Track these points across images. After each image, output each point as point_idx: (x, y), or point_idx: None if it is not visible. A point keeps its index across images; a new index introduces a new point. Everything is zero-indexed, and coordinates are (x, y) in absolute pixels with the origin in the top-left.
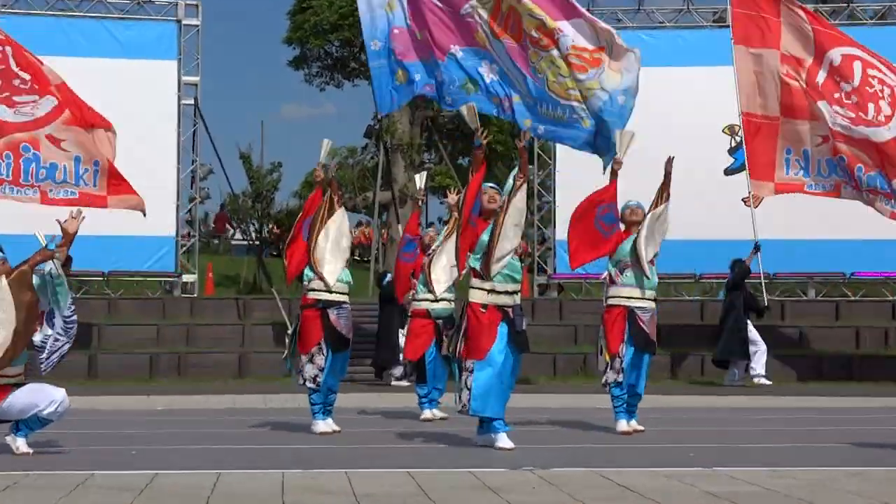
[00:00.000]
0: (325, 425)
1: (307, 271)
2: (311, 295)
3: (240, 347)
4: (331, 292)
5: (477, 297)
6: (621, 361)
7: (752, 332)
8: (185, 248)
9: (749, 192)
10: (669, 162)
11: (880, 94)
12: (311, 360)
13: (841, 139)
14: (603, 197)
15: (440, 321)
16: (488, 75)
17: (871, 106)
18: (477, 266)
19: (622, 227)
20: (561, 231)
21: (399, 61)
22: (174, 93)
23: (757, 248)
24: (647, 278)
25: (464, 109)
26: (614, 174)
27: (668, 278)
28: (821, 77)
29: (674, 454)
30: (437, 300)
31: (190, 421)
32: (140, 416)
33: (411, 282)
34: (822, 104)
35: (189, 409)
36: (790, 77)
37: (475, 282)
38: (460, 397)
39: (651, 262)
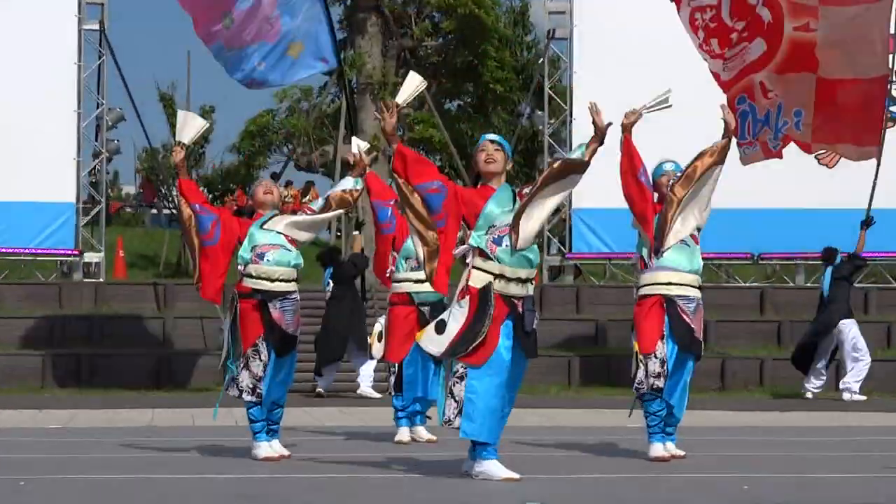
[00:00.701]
0: (268, 448)
1: (242, 252)
2: (248, 283)
3: (159, 347)
4: (272, 280)
5: (479, 281)
6: (662, 363)
7: (858, 338)
8: (87, 219)
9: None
10: (725, 107)
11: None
12: (245, 366)
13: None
14: (633, 165)
15: (426, 308)
16: None
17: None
18: (483, 244)
19: (655, 196)
20: (578, 197)
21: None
22: (73, 15)
23: (868, 223)
24: (692, 254)
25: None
26: (626, 129)
27: (717, 259)
28: None
29: (723, 488)
30: (422, 280)
31: (94, 443)
32: (30, 435)
33: (391, 257)
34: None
35: (93, 428)
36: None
37: (479, 262)
38: (444, 409)
39: (694, 237)
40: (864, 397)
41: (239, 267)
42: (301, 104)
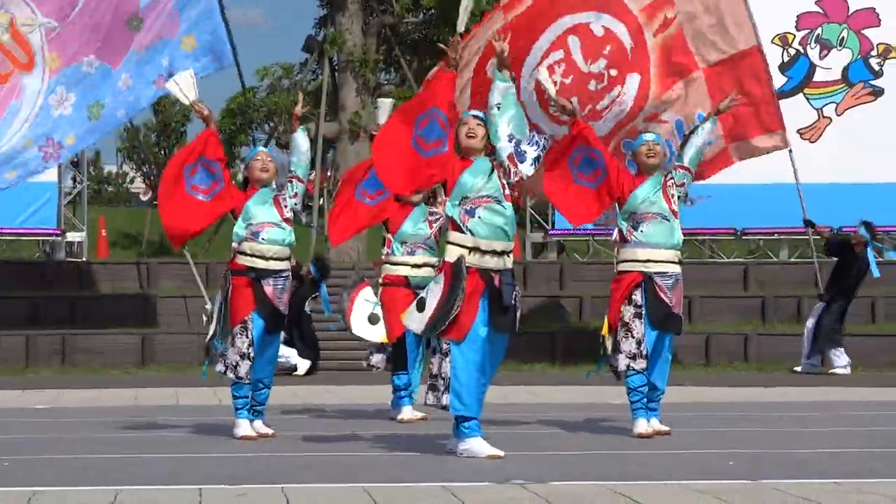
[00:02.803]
0: (248, 427)
1: (236, 228)
2: (242, 261)
3: (142, 327)
4: (266, 259)
5: (455, 255)
6: (639, 344)
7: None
8: (70, 198)
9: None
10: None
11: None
12: (232, 343)
13: None
14: (573, 144)
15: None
16: None
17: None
18: (456, 215)
19: (633, 170)
20: None
21: None
22: None
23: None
24: (672, 230)
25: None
26: (569, 112)
27: (701, 234)
28: None
29: (708, 463)
30: (418, 265)
31: (78, 423)
32: (13, 416)
33: (386, 239)
34: None
35: (77, 408)
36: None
37: (453, 236)
38: (434, 386)
39: (674, 211)
40: (848, 371)
41: (233, 244)
42: (282, 82)
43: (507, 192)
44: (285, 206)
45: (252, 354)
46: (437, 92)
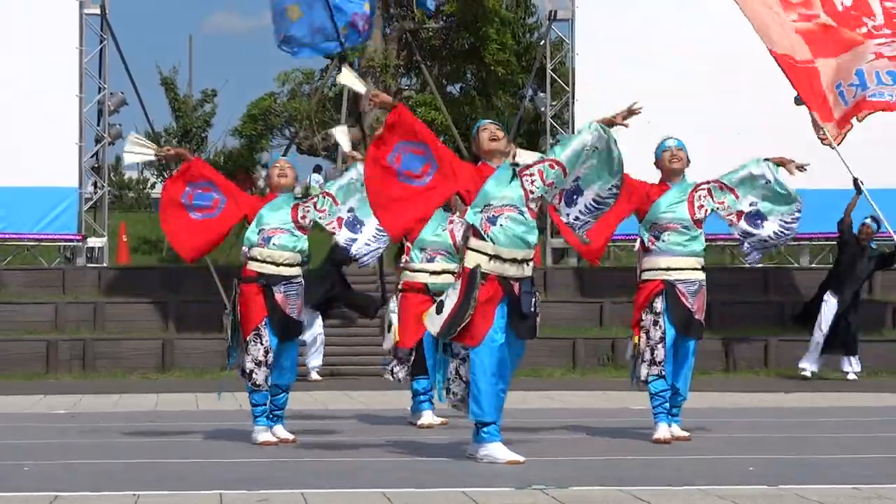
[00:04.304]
0: (267, 434)
1: (248, 233)
2: (253, 266)
3: (163, 332)
4: (277, 265)
5: (474, 262)
6: (653, 350)
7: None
8: (90, 204)
9: (820, 128)
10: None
11: None
12: (246, 351)
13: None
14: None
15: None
16: None
17: None
18: (478, 222)
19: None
20: None
21: None
22: (74, 0)
23: (858, 188)
24: (694, 239)
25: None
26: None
27: (721, 240)
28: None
29: (728, 468)
30: (437, 272)
31: (99, 428)
32: (34, 421)
33: (405, 246)
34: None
35: (98, 413)
36: (805, 19)
37: (474, 242)
38: (449, 390)
39: (698, 222)
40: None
41: (244, 249)
42: (303, 87)
43: (531, 202)
44: (303, 217)
45: (269, 361)
46: (397, 128)
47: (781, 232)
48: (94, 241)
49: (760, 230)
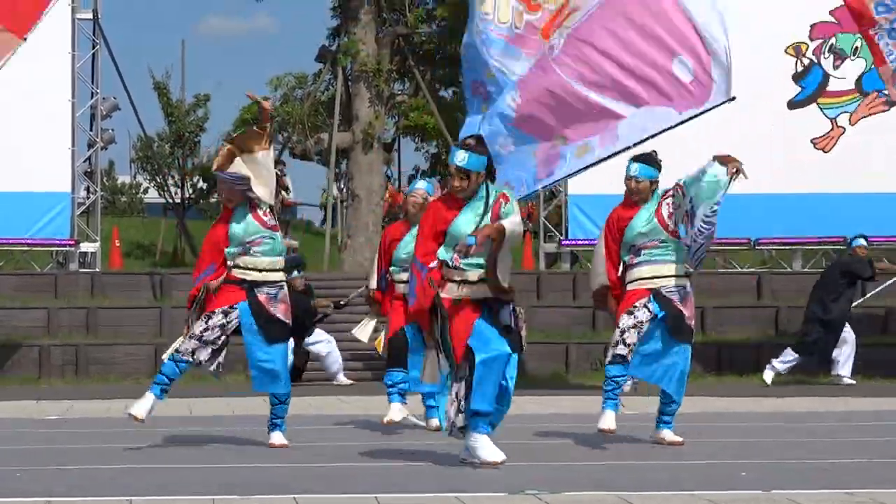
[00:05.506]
0: (146, 404)
1: (227, 250)
2: (236, 273)
3: (156, 337)
4: (259, 271)
5: (446, 291)
6: (623, 332)
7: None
8: (83, 209)
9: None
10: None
11: None
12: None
13: None
14: None
15: None
16: None
17: None
18: (448, 258)
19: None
20: (574, 184)
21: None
22: (66, 4)
23: None
24: (675, 250)
25: None
26: None
27: (714, 245)
28: None
29: (721, 473)
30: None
31: (92, 434)
32: (26, 426)
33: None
34: None
35: (90, 419)
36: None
37: (445, 272)
38: (454, 424)
39: (675, 233)
40: (853, 381)
41: (228, 263)
42: (295, 92)
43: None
44: (265, 213)
45: (204, 337)
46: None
47: (701, 229)
48: (86, 246)
49: (692, 230)
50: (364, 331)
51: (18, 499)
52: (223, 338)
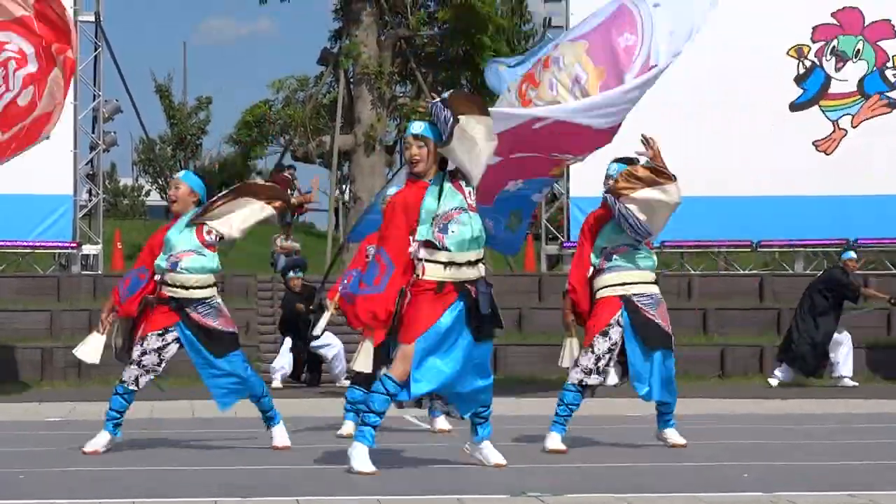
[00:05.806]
0: (100, 441)
1: (158, 261)
2: (165, 291)
3: None
4: (186, 288)
5: (431, 273)
6: (597, 360)
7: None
8: (85, 211)
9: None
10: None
11: None
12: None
13: None
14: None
15: None
16: None
17: None
18: (430, 236)
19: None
20: (576, 185)
21: None
22: (68, 7)
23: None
24: (644, 255)
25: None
26: None
27: (716, 247)
28: None
29: (723, 475)
30: None
31: (94, 436)
32: (28, 428)
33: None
34: None
35: (92, 421)
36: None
37: (424, 253)
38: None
39: (647, 241)
40: (856, 383)
41: (157, 277)
42: (297, 94)
43: (471, 201)
44: (209, 233)
45: (150, 366)
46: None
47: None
48: (88, 249)
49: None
50: (365, 362)
51: (21, 501)
52: (163, 364)
